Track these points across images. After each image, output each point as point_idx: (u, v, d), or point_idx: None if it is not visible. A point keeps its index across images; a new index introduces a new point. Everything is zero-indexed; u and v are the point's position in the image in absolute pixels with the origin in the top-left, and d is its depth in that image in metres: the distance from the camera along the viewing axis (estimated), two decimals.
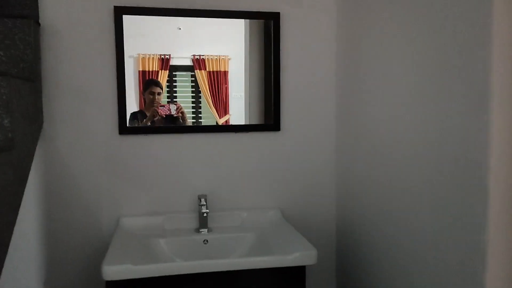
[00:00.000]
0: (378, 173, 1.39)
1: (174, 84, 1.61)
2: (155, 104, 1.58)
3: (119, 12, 1.50)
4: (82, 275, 1.54)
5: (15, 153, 1.19)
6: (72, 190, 1.52)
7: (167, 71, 1.59)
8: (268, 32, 1.64)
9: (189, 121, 1.62)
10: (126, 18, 1.50)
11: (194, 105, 1.63)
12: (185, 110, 1.61)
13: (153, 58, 1.57)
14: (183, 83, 1.62)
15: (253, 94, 1.67)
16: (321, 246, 1.64)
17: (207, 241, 1.50)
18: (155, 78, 1.58)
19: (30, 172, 1.39)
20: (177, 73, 1.60)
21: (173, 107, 1.60)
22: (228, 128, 1.63)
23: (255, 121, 1.67)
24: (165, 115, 1.58)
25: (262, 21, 1.63)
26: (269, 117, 1.66)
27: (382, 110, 1.35)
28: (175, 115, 1.60)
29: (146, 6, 1.52)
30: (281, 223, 1.59)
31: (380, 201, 1.38)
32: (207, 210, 1.51)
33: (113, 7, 1.50)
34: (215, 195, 1.63)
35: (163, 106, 1.59)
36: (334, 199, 1.73)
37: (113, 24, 1.51)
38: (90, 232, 1.54)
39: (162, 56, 1.57)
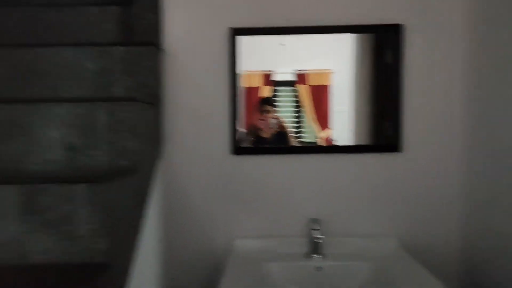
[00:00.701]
0: None
1: (276, 99, 1.59)
2: (272, 126, 1.57)
3: (234, 33, 1.51)
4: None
5: (140, 173, 1.25)
6: (187, 209, 1.56)
7: (269, 86, 1.57)
8: (379, 45, 1.53)
9: (291, 135, 1.57)
10: (237, 38, 1.52)
11: (295, 119, 1.59)
12: (287, 124, 1.57)
13: (256, 74, 1.56)
14: (284, 97, 1.59)
15: (360, 109, 1.56)
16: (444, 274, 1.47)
17: (319, 268, 1.43)
18: (257, 94, 1.56)
19: (151, 192, 1.45)
20: (279, 88, 1.58)
21: (273, 121, 1.57)
22: (342, 149, 1.55)
23: (362, 137, 1.56)
24: (271, 132, 1.56)
25: (372, 34, 1.53)
26: (380, 135, 1.54)
27: None
28: (277, 129, 1.56)
29: (258, 26, 1.52)
30: (400, 253, 1.45)
31: None
32: (321, 236, 1.44)
33: (227, 29, 1.52)
34: (327, 219, 1.55)
35: (262, 120, 1.56)
36: (461, 231, 1.54)
37: (227, 45, 1.53)
38: (205, 251, 1.56)
39: (265, 72, 1.56)
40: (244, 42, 1.53)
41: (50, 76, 1.41)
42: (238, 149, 1.54)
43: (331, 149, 1.55)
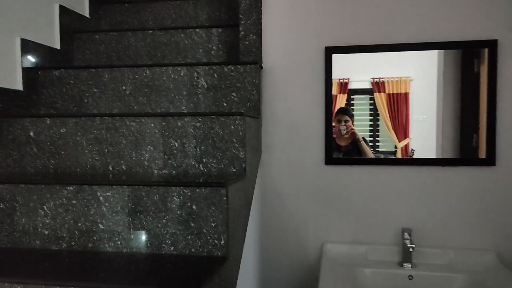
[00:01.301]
0: None
1: (352, 107, 1.64)
2: (343, 132, 1.63)
3: (330, 52, 1.62)
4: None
5: (246, 180, 1.39)
6: (282, 214, 1.68)
7: (346, 94, 1.63)
8: (466, 55, 1.54)
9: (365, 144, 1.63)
10: (333, 56, 1.62)
11: (371, 128, 1.63)
12: (363, 133, 1.62)
13: (334, 83, 1.62)
14: (361, 106, 1.63)
15: (444, 120, 1.56)
16: None
17: (412, 276, 1.47)
18: (334, 102, 1.63)
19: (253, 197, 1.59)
20: (355, 96, 1.63)
21: (343, 128, 1.62)
22: (434, 161, 1.58)
23: (447, 149, 1.57)
24: (346, 141, 1.63)
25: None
26: (466, 147, 1.55)
27: None
28: (345, 136, 1.62)
29: (351, 45, 1.61)
30: (498, 267, 1.44)
31: None
32: (413, 245, 1.48)
33: (324, 48, 1.63)
34: (419, 230, 1.58)
35: (338, 129, 1.63)
36: None
37: (323, 63, 1.63)
38: (297, 254, 1.67)
39: (341, 80, 1.62)
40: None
41: (167, 91, 1.62)
42: (331, 160, 1.64)
43: (424, 161, 1.58)
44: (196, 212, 1.12)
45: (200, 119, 1.34)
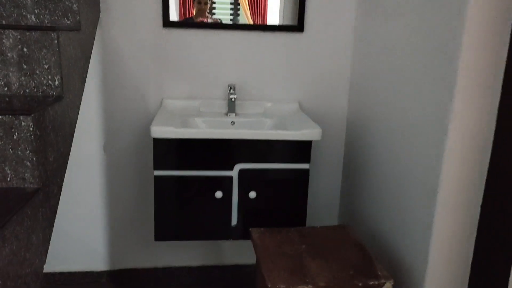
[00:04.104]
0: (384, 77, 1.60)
1: None
2: (201, 13, 1.81)
3: None
4: (133, 140, 1.89)
5: (82, 34, 1.47)
6: (124, 71, 1.81)
7: None
8: None
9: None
10: None
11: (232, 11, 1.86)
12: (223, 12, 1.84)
13: None
14: None
15: None
16: (332, 130, 1.95)
17: (234, 122, 1.80)
18: None
19: (92, 53, 1.68)
20: None
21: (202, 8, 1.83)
22: (259, 27, 1.84)
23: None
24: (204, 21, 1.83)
25: None
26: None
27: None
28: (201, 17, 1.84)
29: None
30: (298, 112, 1.86)
31: (382, 98, 1.61)
32: (235, 96, 1.79)
33: None
34: (243, 86, 1.89)
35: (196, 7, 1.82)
36: (346, 96, 1.97)
37: None
38: (139, 107, 1.86)
39: None
40: None
41: None
42: (169, 23, 1.78)
43: (251, 27, 1.84)
44: (28, 54, 1.19)
45: None
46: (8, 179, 1.04)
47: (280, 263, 1.33)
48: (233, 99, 1.80)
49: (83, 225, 1.96)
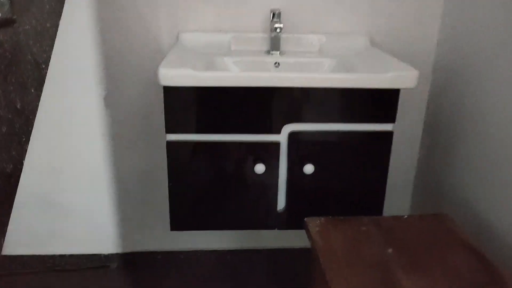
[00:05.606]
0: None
1: None
2: None
3: None
4: (140, 89, 1.42)
5: None
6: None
7: None
8: None
9: None
10: None
11: None
12: None
13: None
14: None
15: None
16: None
17: (278, 63, 1.28)
18: None
19: None
20: None
21: None
22: None
23: None
24: None
25: None
26: None
27: None
28: None
29: None
30: (369, 50, 1.32)
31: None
32: (281, 25, 1.26)
33: None
34: (291, 14, 1.35)
35: None
36: (437, 29, 1.40)
37: None
38: (148, 46, 1.37)
39: None
40: None
41: None
42: None
43: None
44: None
45: None
46: None
47: (357, 280, 0.86)
48: (278, 31, 1.27)
49: (86, 200, 1.54)
